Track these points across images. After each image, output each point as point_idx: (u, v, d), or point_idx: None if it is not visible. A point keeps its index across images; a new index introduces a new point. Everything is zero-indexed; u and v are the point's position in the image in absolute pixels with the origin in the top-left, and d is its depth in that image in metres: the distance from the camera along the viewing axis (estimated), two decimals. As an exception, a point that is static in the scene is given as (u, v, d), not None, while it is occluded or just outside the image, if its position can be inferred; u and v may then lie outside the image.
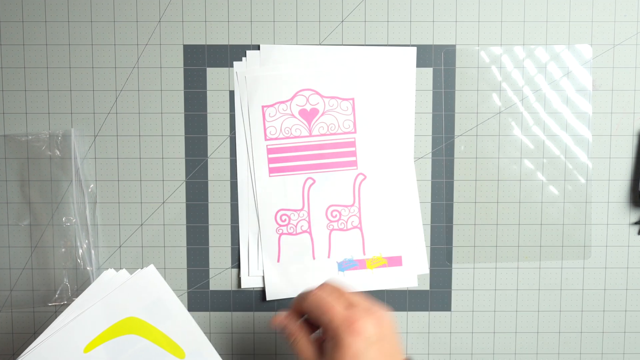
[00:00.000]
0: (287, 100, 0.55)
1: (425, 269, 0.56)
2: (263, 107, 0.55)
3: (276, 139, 0.55)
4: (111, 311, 0.47)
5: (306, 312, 0.42)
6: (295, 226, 0.56)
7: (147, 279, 0.48)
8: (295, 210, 0.56)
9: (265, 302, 0.57)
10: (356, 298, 0.41)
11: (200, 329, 0.49)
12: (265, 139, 0.55)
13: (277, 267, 0.56)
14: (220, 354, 0.49)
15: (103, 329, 0.46)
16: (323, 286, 0.42)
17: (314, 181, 0.56)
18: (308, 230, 0.56)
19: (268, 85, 0.55)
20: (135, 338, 0.47)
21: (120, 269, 0.48)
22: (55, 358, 0.45)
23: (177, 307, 0.48)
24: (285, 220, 0.56)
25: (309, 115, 0.55)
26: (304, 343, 0.42)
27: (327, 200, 0.56)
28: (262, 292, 0.57)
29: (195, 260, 0.56)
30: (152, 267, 0.48)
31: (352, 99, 0.55)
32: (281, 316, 0.44)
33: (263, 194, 0.56)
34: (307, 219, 0.56)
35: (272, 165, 0.56)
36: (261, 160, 0.56)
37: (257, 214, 0.56)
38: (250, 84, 0.55)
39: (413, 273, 0.56)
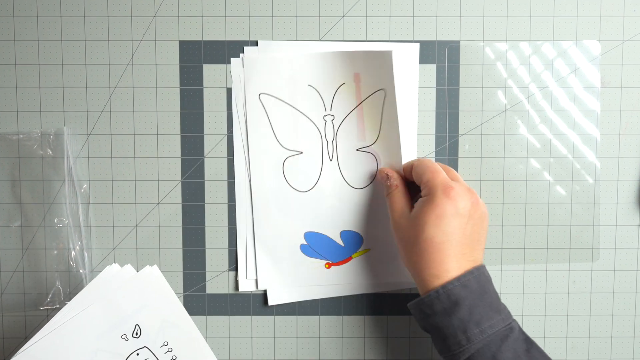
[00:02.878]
0: (286, 98, 0.54)
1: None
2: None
3: (275, 137, 0.54)
4: (113, 310, 0.46)
5: (414, 169, 0.47)
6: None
7: (150, 279, 0.48)
8: (295, 211, 0.54)
9: (263, 306, 0.55)
10: (461, 180, 0.48)
11: (199, 331, 0.48)
12: (264, 138, 0.54)
13: (277, 270, 0.54)
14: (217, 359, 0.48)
15: (103, 327, 0.45)
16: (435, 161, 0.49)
17: (314, 181, 0.54)
18: (308, 231, 0.55)
19: (268, 80, 0.54)
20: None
21: (126, 264, 0.48)
22: (55, 355, 0.45)
23: (178, 309, 0.48)
24: (284, 221, 0.54)
25: (308, 113, 0.54)
26: (400, 194, 0.48)
27: (328, 201, 0.54)
28: (261, 295, 0.55)
29: (191, 262, 0.55)
30: (155, 267, 0.48)
31: (353, 97, 0.54)
32: (388, 169, 0.51)
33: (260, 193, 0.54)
34: (306, 220, 0.54)
35: (270, 165, 0.54)
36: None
37: (253, 213, 0.54)
38: (249, 75, 0.54)
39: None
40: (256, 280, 0.55)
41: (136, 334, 0.46)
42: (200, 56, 0.54)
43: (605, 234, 0.55)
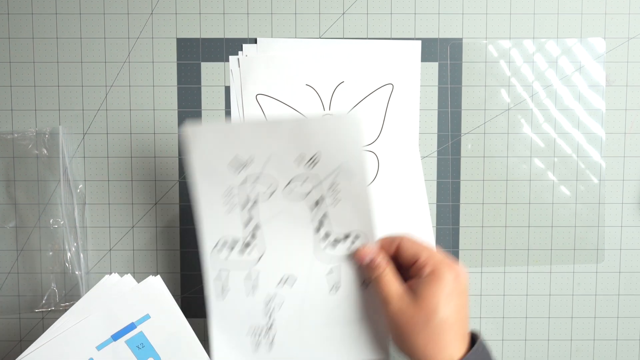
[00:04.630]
0: (285, 97, 0.53)
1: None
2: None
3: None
4: (112, 319, 0.45)
5: (404, 249, 0.43)
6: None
7: (152, 291, 0.46)
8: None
9: (262, 308, 0.54)
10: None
11: (203, 348, 0.47)
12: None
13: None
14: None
15: (102, 338, 0.44)
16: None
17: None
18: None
19: (265, 81, 0.53)
20: None
21: (125, 273, 0.47)
22: None
23: (179, 320, 0.46)
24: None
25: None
26: (392, 276, 0.43)
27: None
28: (260, 297, 0.54)
29: (189, 264, 0.54)
30: (158, 278, 0.47)
31: (354, 95, 0.53)
32: (370, 248, 0.43)
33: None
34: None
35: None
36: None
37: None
38: (245, 76, 0.53)
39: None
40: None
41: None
42: (198, 54, 0.53)
43: (610, 235, 0.54)
